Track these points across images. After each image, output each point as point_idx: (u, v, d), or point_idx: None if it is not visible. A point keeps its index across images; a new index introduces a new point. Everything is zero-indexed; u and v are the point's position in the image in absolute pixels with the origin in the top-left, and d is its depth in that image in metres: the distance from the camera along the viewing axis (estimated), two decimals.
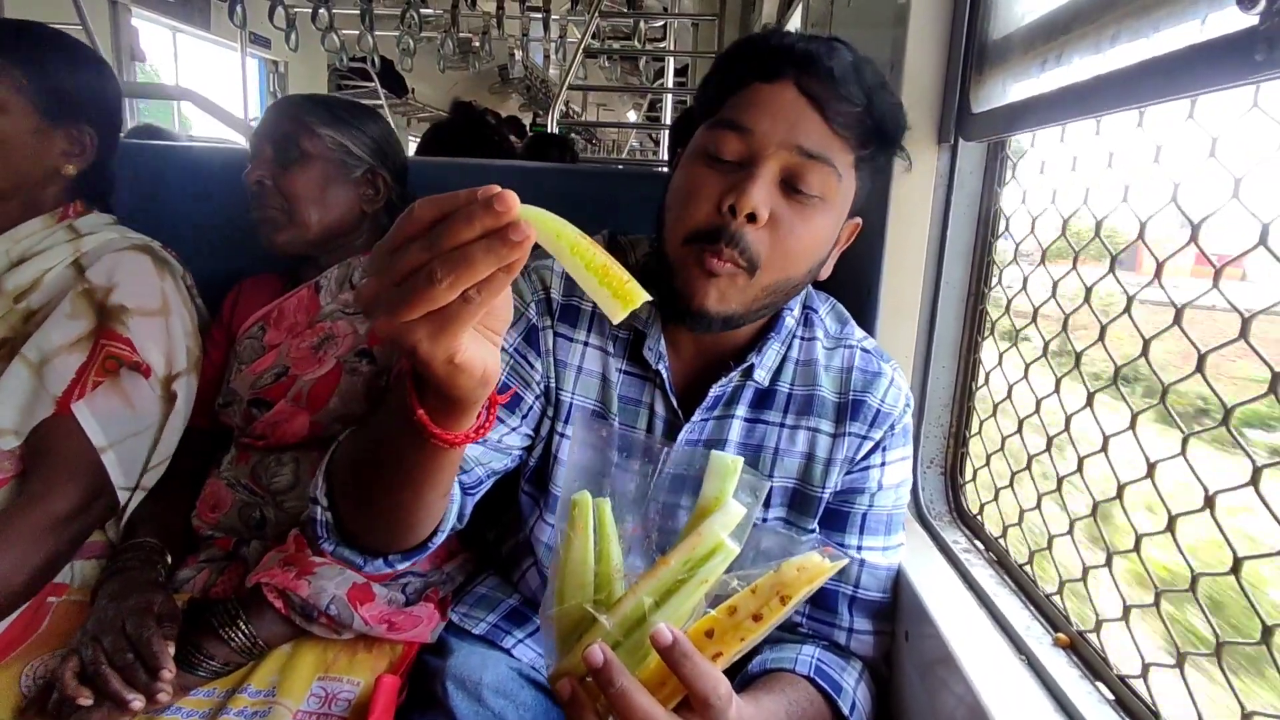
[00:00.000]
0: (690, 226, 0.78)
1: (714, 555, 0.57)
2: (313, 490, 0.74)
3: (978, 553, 0.98)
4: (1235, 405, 0.59)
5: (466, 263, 0.43)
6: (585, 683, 0.57)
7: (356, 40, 3.68)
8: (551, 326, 0.89)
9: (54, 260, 1.07)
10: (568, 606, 0.60)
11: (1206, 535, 0.60)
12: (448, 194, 0.45)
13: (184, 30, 4.56)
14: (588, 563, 0.60)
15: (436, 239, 0.44)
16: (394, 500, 0.67)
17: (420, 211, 0.45)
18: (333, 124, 1.14)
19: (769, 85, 0.77)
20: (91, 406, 1.00)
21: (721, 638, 0.56)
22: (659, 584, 0.57)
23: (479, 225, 0.43)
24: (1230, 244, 0.63)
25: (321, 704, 0.89)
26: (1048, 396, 0.88)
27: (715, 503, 0.59)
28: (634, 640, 0.57)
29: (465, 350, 0.48)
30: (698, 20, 4.33)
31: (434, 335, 0.46)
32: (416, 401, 0.55)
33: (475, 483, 0.83)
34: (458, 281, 0.44)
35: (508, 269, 0.45)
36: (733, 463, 0.60)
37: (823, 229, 0.79)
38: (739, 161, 0.77)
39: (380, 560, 0.75)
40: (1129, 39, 0.70)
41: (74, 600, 0.98)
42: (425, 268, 0.44)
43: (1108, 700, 0.71)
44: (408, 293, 0.44)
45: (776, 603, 0.56)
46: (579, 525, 0.60)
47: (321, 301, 1.16)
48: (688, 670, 0.54)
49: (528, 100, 7.98)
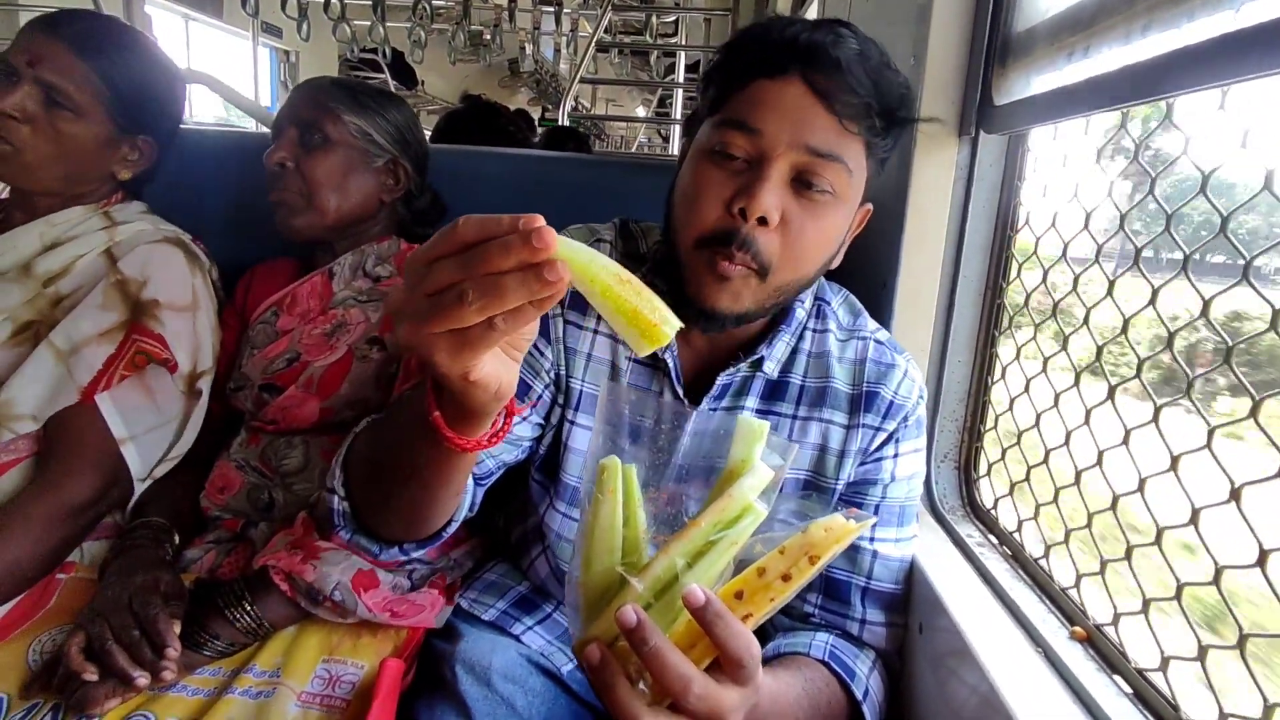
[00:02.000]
0: (701, 229, 0.77)
1: (743, 517, 0.57)
2: (330, 480, 0.75)
3: (992, 547, 0.97)
4: (1265, 397, 0.58)
5: (498, 291, 0.44)
6: (616, 646, 0.57)
7: (368, 31, 3.67)
8: (562, 314, 0.88)
9: (86, 247, 1.07)
10: (597, 570, 0.59)
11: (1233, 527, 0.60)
12: (492, 217, 0.45)
13: (196, 18, 4.56)
14: (616, 527, 0.59)
15: (472, 261, 0.44)
16: (409, 496, 0.68)
17: (462, 231, 0.45)
18: (358, 111, 1.13)
19: (774, 82, 0.75)
20: (115, 398, 1.00)
21: (751, 598, 0.56)
22: (690, 545, 0.57)
23: (515, 257, 0.43)
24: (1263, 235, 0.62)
25: (325, 686, 0.88)
26: (1066, 390, 0.87)
27: (743, 465, 0.59)
28: (664, 603, 0.56)
29: (482, 368, 0.49)
30: (710, 15, 4.31)
31: (454, 352, 0.47)
32: (434, 406, 0.55)
33: (486, 474, 0.84)
34: (487, 307, 0.44)
35: (538, 304, 0.45)
36: (759, 426, 0.60)
37: (835, 224, 0.79)
38: (747, 160, 0.76)
39: (395, 548, 0.77)
40: (1161, 29, 0.69)
41: (82, 577, 0.98)
42: (457, 287, 0.44)
43: (1126, 694, 0.70)
44: (436, 308, 0.45)
45: (805, 563, 0.56)
46: (609, 489, 0.59)
47: (335, 288, 1.16)
48: (720, 630, 0.53)
49: (537, 94, 7.97)
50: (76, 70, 1.02)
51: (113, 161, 1.10)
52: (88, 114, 1.04)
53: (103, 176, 1.11)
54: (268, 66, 5.17)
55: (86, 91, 1.03)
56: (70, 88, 1.02)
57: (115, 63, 1.05)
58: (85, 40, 1.03)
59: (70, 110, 1.02)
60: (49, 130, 1.02)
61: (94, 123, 1.05)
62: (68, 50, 1.02)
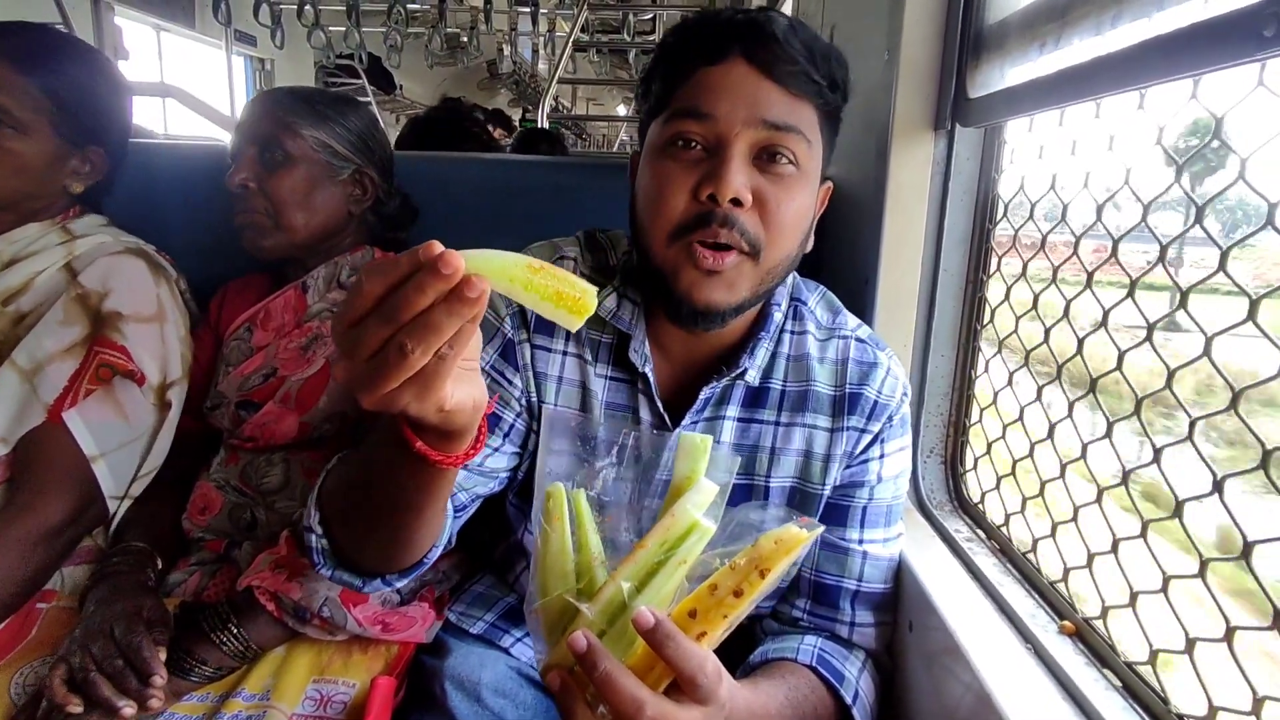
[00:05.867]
0: (671, 221, 0.76)
1: (690, 535, 0.57)
2: (306, 520, 0.74)
3: (980, 541, 0.97)
4: (1243, 389, 0.58)
5: (432, 328, 0.45)
6: (574, 672, 0.57)
7: (343, 36, 3.64)
8: (528, 339, 0.86)
9: (46, 263, 1.05)
10: (550, 599, 0.59)
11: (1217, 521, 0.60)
12: (388, 260, 0.46)
13: (168, 28, 4.51)
14: (567, 553, 0.60)
15: (393, 311, 0.45)
16: (394, 522, 0.68)
17: (369, 286, 0.45)
18: (316, 123, 1.10)
19: (717, 66, 0.75)
20: (83, 415, 0.98)
21: (705, 616, 0.56)
22: (638, 568, 0.57)
23: (431, 292, 0.44)
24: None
25: (317, 707, 0.87)
26: (1049, 383, 0.87)
27: (688, 482, 0.59)
28: (618, 627, 0.57)
29: (452, 396, 0.50)
30: (686, 12, 4.30)
31: (420, 395, 0.48)
32: (414, 438, 0.55)
33: (461, 507, 0.83)
34: (428, 347, 0.45)
35: (471, 321, 0.46)
36: (702, 441, 0.60)
37: (805, 197, 0.78)
38: (705, 148, 0.75)
39: (378, 580, 0.77)
40: (1131, 19, 0.69)
41: (63, 607, 0.97)
42: (393, 340, 0.45)
43: (1115, 687, 0.70)
44: (383, 367, 0.46)
45: (756, 576, 0.56)
46: (555, 517, 0.60)
47: (309, 301, 1.14)
48: (671, 651, 0.53)
49: (517, 95, 7.94)
50: (17, 85, 0.99)
51: (63, 175, 1.07)
52: (32, 130, 1.01)
53: (56, 191, 1.08)
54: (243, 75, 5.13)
55: (28, 107, 1.00)
56: (11, 104, 0.99)
57: (57, 75, 1.02)
58: (24, 54, 1.00)
59: (13, 128, 1.00)
60: None
61: (40, 139, 1.02)
62: (7, 66, 0.99)
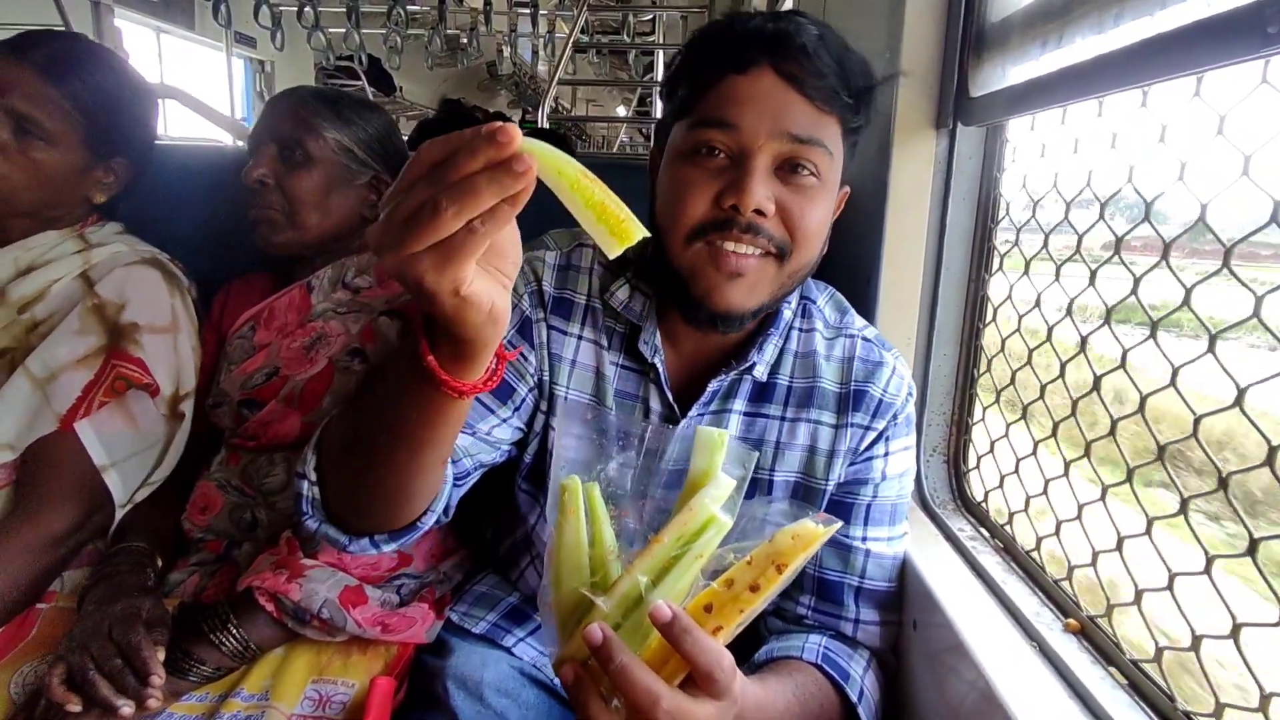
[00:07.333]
0: (691, 222, 0.76)
1: (707, 529, 0.57)
2: (301, 465, 0.72)
3: (984, 540, 0.97)
4: (1248, 385, 0.58)
5: (471, 193, 0.44)
6: (588, 665, 0.56)
7: (343, 38, 3.64)
8: (545, 319, 0.87)
9: (62, 271, 1.05)
10: (565, 591, 0.59)
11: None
12: (454, 133, 0.45)
13: (168, 31, 4.50)
14: (581, 546, 0.60)
15: (442, 173, 0.45)
16: (391, 464, 0.65)
17: (427, 153, 0.45)
18: (339, 125, 1.11)
19: (745, 75, 0.76)
20: (95, 425, 0.98)
21: (720, 611, 0.56)
22: (654, 562, 0.57)
23: (482, 157, 0.44)
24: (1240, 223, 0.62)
25: (316, 707, 0.87)
26: (1052, 382, 0.87)
27: (704, 477, 0.59)
28: (633, 620, 0.56)
29: (472, 283, 0.49)
30: (686, 13, 4.31)
31: (439, 266, 0.47)
32: (427, 347, 0.54)
33: (463, 474, 0.81)
34: (462, 211, 0.44)
35: (512, 201, 0.45)
36: (719, 436, 0.60)
37: (825, 206, 0.79)
38: (729, 157, 0.76)
39: (365, 539, 0.73)
40: (1134, 17, 0.68)
41: (62, 607, 0.96)
42: (431, 200, 0.44)
43: (1121, 685, 0.70)
44: (414, 225, 0.45)
45: (773, 572, 0.56)
46: (570, 510, 0.60)
47: (313, 301, 1.14)
48: (689, 645, 0.53)
49: (516, 96, 7.94)
50: (46, 96, 0.99)
51: (87, 185, 1.08)
52: (60, 141, 1.01)
53: (77, 201, 1.08)
54: (243, 77, 5.12)
55: (57, 118, 1.00)
56: (41, 115, 0.99)
57: (86, 85, 1.02)
58: (54, 64, 1.00)
59: (42, 138, 1.00)
60: (20, 159, 0.99)
61: (67, 149, 1.02)
62: (36, 76, 0.99)
